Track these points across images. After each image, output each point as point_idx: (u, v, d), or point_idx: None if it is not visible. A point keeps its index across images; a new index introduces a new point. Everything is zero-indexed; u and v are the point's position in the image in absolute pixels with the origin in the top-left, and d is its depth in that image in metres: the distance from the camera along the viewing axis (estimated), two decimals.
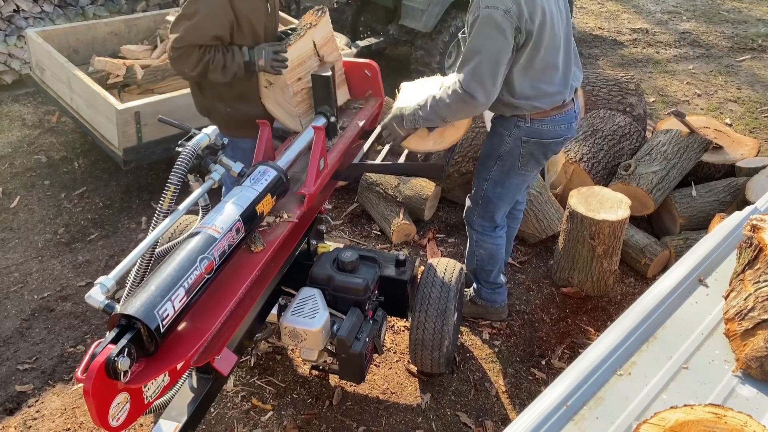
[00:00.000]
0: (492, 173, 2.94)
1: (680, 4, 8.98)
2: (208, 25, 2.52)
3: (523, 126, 2.78)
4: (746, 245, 1.73)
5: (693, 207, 3.90)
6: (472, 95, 2.54)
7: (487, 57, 2.51)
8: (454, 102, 2.58)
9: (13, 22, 5.43)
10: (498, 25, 2.46)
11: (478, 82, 2.53)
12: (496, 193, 2.98)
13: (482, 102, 2.57)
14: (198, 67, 2.58)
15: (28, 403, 2.88)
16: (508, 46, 2.51)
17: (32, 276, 3.62)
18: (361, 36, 6.21)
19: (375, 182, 4.10)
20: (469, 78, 2.53)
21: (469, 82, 2.53)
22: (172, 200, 2.00)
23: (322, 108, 2.70)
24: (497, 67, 2.53)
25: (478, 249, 3.16)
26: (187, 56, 2.56)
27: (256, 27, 2.65)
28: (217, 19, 2.52)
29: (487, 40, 2.50)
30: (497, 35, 2.48)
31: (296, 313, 2.42)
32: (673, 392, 1.48)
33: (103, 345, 1.64)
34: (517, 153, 2.84)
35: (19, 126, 5.07)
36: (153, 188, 4.39)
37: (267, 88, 2.74)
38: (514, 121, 2.80)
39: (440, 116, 2.66)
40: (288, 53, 2.64)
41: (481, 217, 3.08)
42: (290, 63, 2.66)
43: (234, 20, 2.56)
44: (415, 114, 2.70)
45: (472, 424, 2.85)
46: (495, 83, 2.56)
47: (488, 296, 3.30)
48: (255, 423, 2.80)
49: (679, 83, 6.51)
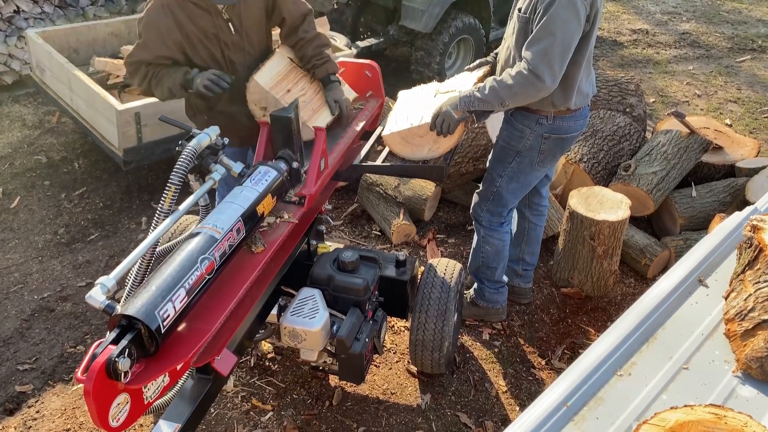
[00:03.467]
0: (508, 169, 2.92)
1: (680, 4, 8.98)
2: (153, 45, 2.54)
3: (545, 123, 2.77)
4: (746, 246, 1.73)
5: (693, 207, 3.90)
6: (539, 76, 2.48)
7: (560, 40, 2.46)
8: (519, 83, 2.53)
9: (14, 22, 5.43)
10: (576, 8, 2.44)
11: (547, 64, 2.47)
12: (510, 188, 2.97)
13: (548, 85, 2.51)
14: (143, 84, 2.64)
15: (28, 404, 2.88)
16: (579, 31, 2.50)
17: (32, 276, 3.62)
18: (361, 37, 6.21)
19: (375, 183, 4.10)
20: (539, 59, 2.47)
21: (538, 63, 2.47)
22: (173, 200, 2.00)
23: (282, 152, 2.44)
24: (567, 51, 2.50)
25: (485, 245, 3.14)
26: (135, 72, 2.63)
27: (210, 46, 2.61)
28: (161, 40, 2.53)
29: (563, 22, 2.45)
30: (573, 19, 2.45)
31: (296, 314, 2.42)
32: (673, 393, 1.48)
33: (103, 345, 1.64)
34: (536, 149, 2.83)
35: (19, 126, 5.07)
36: (153, 188, 4.39)
37: (265, 115, 2.70)
38: (536, 118, 2.78)
39: (499, 98, 2.59)
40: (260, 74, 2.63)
41: (489, 212, 3.07)
42: (270, 80, 2.65)
43: (182, 40, 2.56)
44: (471, 96, 2.63)
45: (472, 424, 2.85)
46: (562, 67, 2.52)
47: (491, 296, 3.29)
48: (255, 423, 2.80)
49: (679, 84, 6.51)
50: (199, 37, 2.57)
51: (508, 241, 3.17)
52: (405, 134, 2.83)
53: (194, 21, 2.53)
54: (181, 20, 2.51)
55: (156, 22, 2.50)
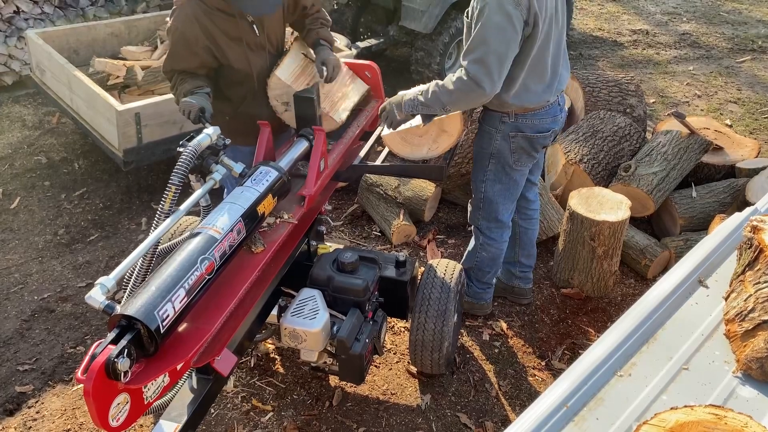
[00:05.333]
0: (488, 173, 2.95)
1: (680, 5, 8.98)
2: (182, 55, 2.59)
3: (508, 121, 2.79)
4: (746, 246, 1.73)
5: (693, 208, 3.90)
6: (477, 83, 2.51)
7: (495, 47, 2.47)
8: (459, 89, 2.54)
9: (14, 23, 5.43)
10: (508, 14, 2.43)
11: (485, 72, 2.49)
12: (495, 191, 2.98)
13: (488, 91, 2.53)
14: (172, 90, 2.70)
15: (28, 404, 2.88)
16: (516, 36, 2.49)
17: (32, 277, 3.62)
18: (361, 37, 6.21)
19: (375, 183, 4.10)
20: (476, 66, 2.49)
21: (476, 71, 2.49)
22: (174, 201, 2.00)
23: (304, 130, 2.64)
24: (504, 57, 2.50)
25: (482, 252, 3.16)
26: (169, 79, 2.69)
27: (235, 48, 2.65)
28: (189, 50, 2.57)
29: (497, 29, 2.46)
30: (506, 25, 2.45)
31: (296, 314, 2.41)
32: (674, 393, 1.47)
33: (103, 346, 1.64)
34: (507, 149, 2.85)
35: (19, 127, 5.08)
36: (153, 189, 4.39)
37: (287, 110, 2.76)
38: (499, 116, 2.80)
39: (441, 103, 2.62)
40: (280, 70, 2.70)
41: (486, 219, 3.08)
42: (290, 74, 2.72)
43: (210, 45, 2.59)
44: (415, 99, 2.67)
45: (473, 425, 2.85)
46: (501, 74, 2.53)
47: (476, 294, 3.33)
48: (255, 424, 2.80)
49: (679, 84, 6.51)
50: (225, 40, 2.61)
51: (505, 249, 3.19)
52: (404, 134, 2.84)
53: (220, 26, 2.58)
54: (208, 27, 2.56)
55: (183, 32, 2.55)
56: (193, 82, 2.59)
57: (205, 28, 2.55)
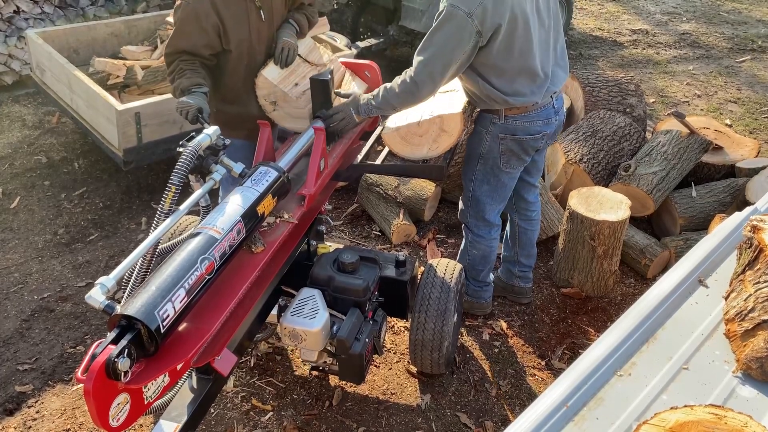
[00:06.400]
0: (476, 173, 2.97)
1: (680, 5, 8.99)
2: (191, 31, 2.60)
3: (498, 123, 2.79)
4: (746, 246, 1.73)
5: (693, 208, 3.90)
6: (418, 87, 2.56)
7: (440, 53, 2.51)
8: (402, 90, 2.60)
9: (14, 23, 5.43)
10: (458, 24, 2.46)
11: (428, 75, 2.54)
12: (483, 192, 3.00)
13: (424, 95, 2.61)
14: (170, 75, 2.68)
15: (27, 404, 2.88)
16: (464, 46, 2.51)
17: (32, 276, 3.62)
18: (361, 37, 6.21)
19: (375, 183, 4.10)
20: (421, 68, 2.54)
21: (420, 73, 2.54)
22: (174, 201, 2.00)
23: (320, 112, 2.70)
24: (449, 65, 2.53)
25: (472, 249, 3.19)
26: (170, 63, 2.67)
27: (240, 31, 2.67)
28: (199, 25, 2.59)
29: (445, 37, 2.50)
30: (455, 34, 2.48)
31: (296, 314, 2.41)
32: (673, 393, 1.47)
33: (103, 345, 1.64)
34: (496, 151, 2.85)
35: (19, 127, 5.07)
36: (153, 189, 4.39)
37: (275, 110, 2.77)
38: (489, 117, 2.81)
39: (390, 105, 2.67)
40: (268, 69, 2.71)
41: (474, 218, 3.11)
42: (279, 74, 2.72)
43: (218, 23, 2.61)
44: (368, 104, 2.70)
45: (472, 424, 2.85)
46: (443, 78, 2.57)
47: (474, 292, 3.34)
48: (255, 423, 2.80)
49: (679, 84, 6.51)
50: (231, 23, 2.64)
51: (496, 247, 3.20)
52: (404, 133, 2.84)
53: (229, 6, 2.62)
54: (218, 4, 2.59)
55: (195, 7, 2.58)
56: (192, 78, 2.58)
57: (215, 5, 2.58)
